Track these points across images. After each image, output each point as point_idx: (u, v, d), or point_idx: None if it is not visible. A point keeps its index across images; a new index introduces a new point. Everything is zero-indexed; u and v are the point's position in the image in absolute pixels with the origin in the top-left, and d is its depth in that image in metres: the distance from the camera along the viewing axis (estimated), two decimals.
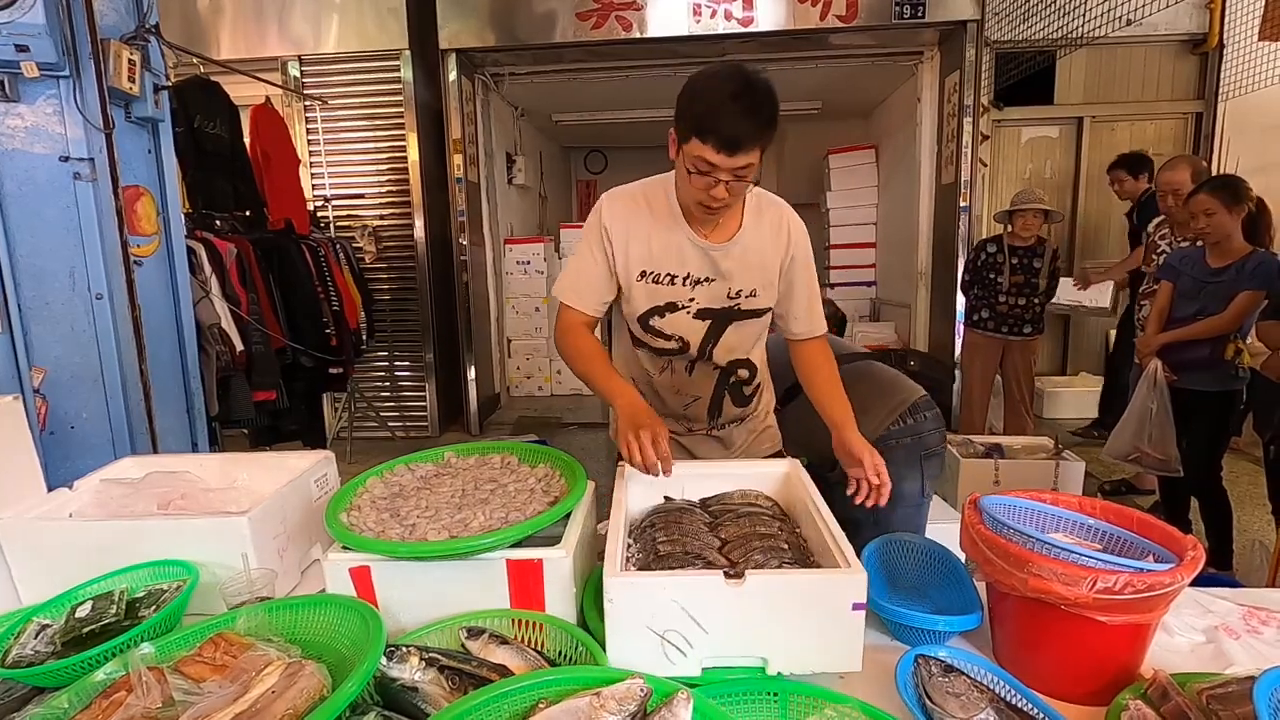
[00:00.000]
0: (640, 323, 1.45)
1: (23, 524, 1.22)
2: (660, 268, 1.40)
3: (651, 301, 1.42)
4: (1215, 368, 2.61)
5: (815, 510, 1.12)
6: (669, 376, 1.53)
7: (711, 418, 1.57)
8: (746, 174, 1.23)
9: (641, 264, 1.40)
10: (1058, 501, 1.10)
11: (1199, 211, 2.56)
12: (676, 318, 1.43)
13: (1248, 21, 4.50)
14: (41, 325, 2.16)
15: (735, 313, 1.45)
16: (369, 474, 1.29)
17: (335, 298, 3.93)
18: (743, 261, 1.41)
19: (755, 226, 1.41)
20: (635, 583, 0.92)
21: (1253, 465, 3.71)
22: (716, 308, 1.44)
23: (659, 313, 1.43)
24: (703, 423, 1.58)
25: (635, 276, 1.40)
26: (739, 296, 1.43)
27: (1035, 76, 4.78)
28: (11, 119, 2.09)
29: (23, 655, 0.99)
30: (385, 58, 4.75)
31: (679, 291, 1.41)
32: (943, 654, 0.92)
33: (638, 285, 1.41)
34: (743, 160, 1.20)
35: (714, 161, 1.20)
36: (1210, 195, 2.53)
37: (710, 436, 1.61)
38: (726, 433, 1.61)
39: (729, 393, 1.55)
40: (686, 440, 1.61)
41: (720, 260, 1.39)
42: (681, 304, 1.42)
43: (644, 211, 1.39)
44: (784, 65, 5.16)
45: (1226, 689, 0.82)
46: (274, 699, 0.78)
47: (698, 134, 1.19)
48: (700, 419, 1.58)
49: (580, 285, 1.41)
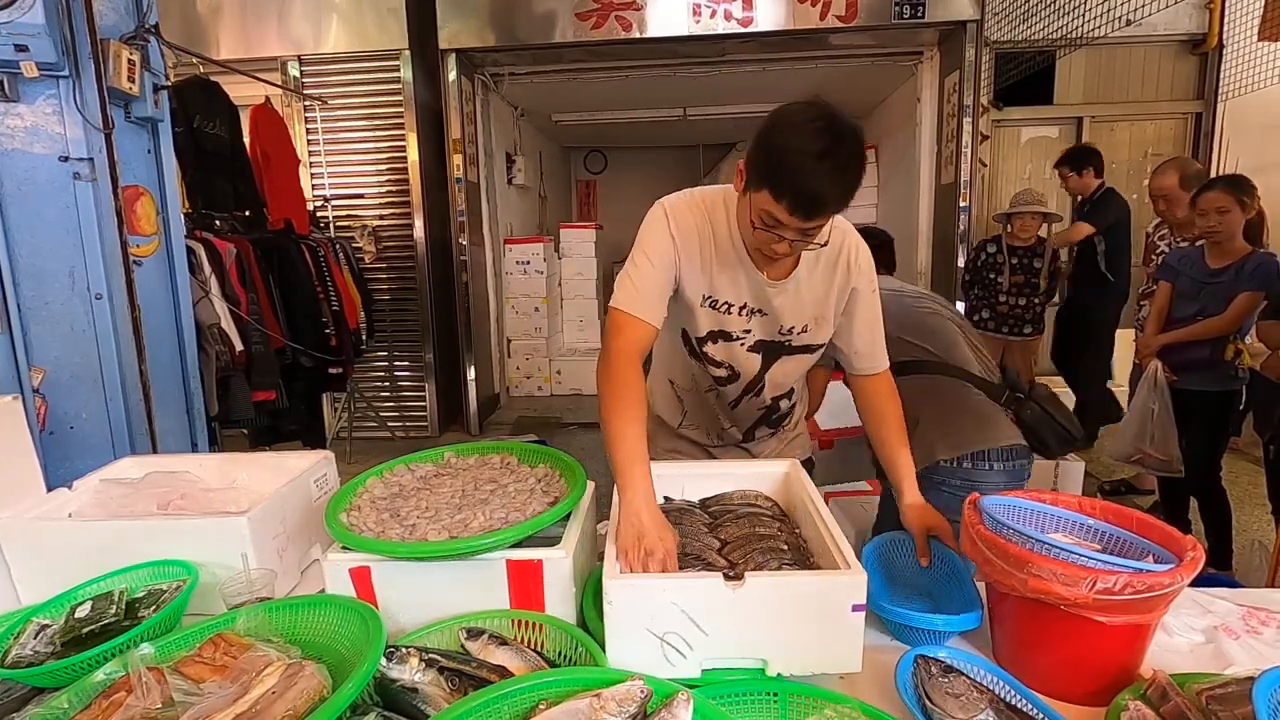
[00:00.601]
0: (696, 344, 1.38)
1: (22, 524, 1.22)
2: (720, 295, 1.31)
3: (711, 325, 1.35)
4: (1215, 368, 2.61)
5: (815, 511, 1.12)
6: (714, 398, 1.48)
7: (745, 440, 1.54)
8: (815, 234, 1.14)
9: (704, 288, 1.31)
10: (1057, 502, 1.10)
11: (1211, 209, 2.53)
12: (731, 347, 1.37)
13: (1247, 21, 4.51)
14: (41, 325, 2.16)
15: (786, 348, 1.38)
16: (369, 474, 1.29)
17: (335, 298, 3.93)
18: (796, 298, 1.32)
19: (813, 261, 1.31)
20: (635, 585, 0.92)
21: (1253, 465, 3.71)
22: (769, 340, 1.37)
23: (715, 338, 1.37)
24: (736, 440, 1.55)
25: (699, 299, 1.32)
26: (790, 333, 1.36)
27: (1035, 76, 4.78)
28: (11, 119, 2.09)
29: (22, 655, 0.99)
30: (385, 58, 4.75)
31: (736, 321, 1.34)
32: (942, 654, 0.92)
33: (702, 309, 1.33)
34: (814, 224, 1.10)
35: (783, 220, 1.09)
36: (1224, 192, 2.52)
37: (740, 448, 1.57)
38: (756, 444, 1.57)
39: (767, 419, 1.51)
40: (717, 450, 1.57)
41: (774, 296, 1.31)
42: (736, 335, 1.36)
43: (708, 232, 1.28)
44: (783, 65, 5.16)
45: (1226, 689, 0.82)
46: (274, 700, 0.78)
47: (771, 188, 1.08)
48: (733, 438, 1.54)
49: (648, 295, 1.24)
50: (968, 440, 1.51)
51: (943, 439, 1.50)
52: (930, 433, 1.50)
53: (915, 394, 1.47)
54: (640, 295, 1.24)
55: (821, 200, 1.06)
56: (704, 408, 1.50)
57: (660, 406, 1.58)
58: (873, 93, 6.22)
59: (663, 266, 1.26)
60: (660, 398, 1.57)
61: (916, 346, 1.61)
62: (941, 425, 1.50)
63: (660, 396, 1.57)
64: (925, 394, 1.51)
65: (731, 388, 1.44)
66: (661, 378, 1.56)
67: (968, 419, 1.51)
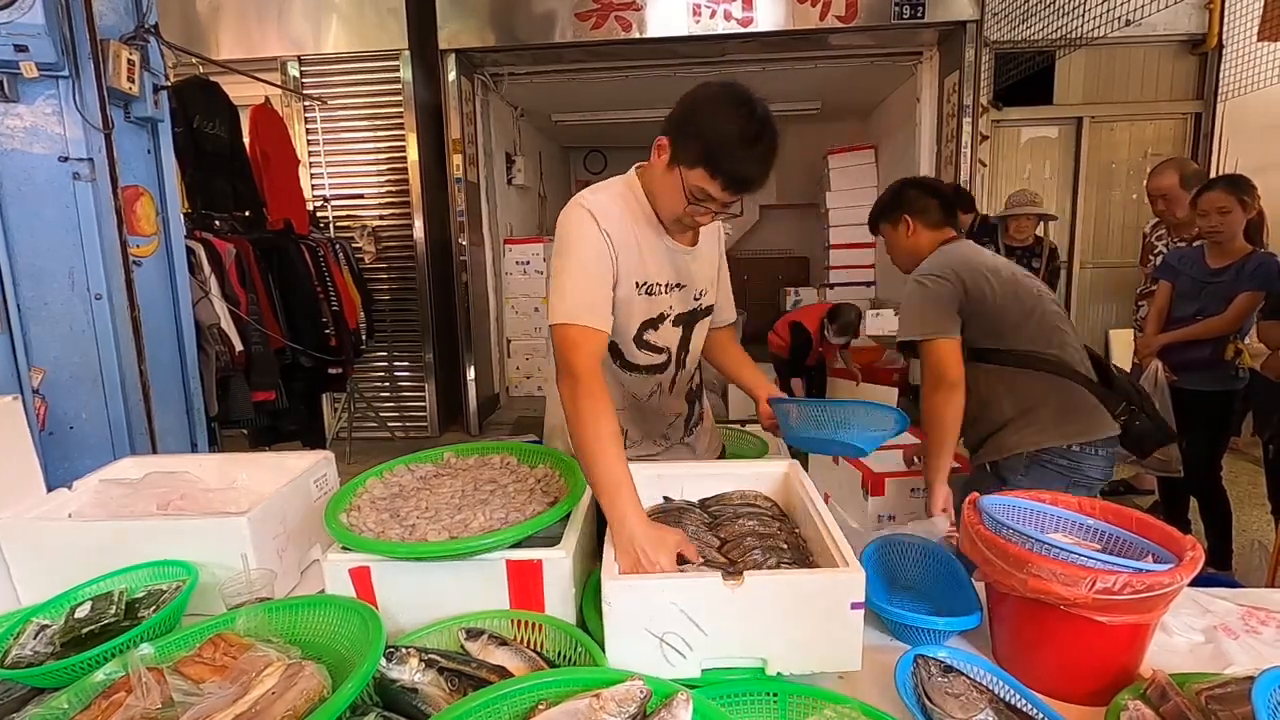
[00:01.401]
0: (635, 339, 1.37)
1: (22, 524, 1.22)
2: (654, 278, 1.33)
3: (646, 313, 1.35)
4: (1215, 368, 2.61)
5: (814, 510, 1.12)
6: (658, 399, 1.48)
7: (687, 430, 1.57)
8: (734, 208, 1.26)
9: (637, 274, 1.31)
10: (1057, 501, 1.10)
11: (1212, 209, 2.53)
12: (663, 329, 1.39)
13: (1247, 21, 4.51)
14: (41, 325, 2.16)
15: (697, 313, 1.45)
16: (368, 474, 1.29)
17: (335, 298, 3.93)
18: (702, 263, 1.43)
19: (705, 231, 1.42)
20: (633, 585, 0.92)
21: (1252, 465, 3.71)
22: (685, 311, 1.42)
23: (652, 325, 1.37)
24: (679, 436, 1.57)
25: (634, 287, 1.31)
26: (701, 297, 1.44)
27: (1034, 77, 4.78)
28: (11, 119, 2.09)
29: (22, 656, 0.99)
30: (385, 58, 4.75)
31: (665, 300, 1.37)
32: (942, 654, 0.92)
33: (637, 298, 1.32)
34: (737, 198, 1.22)
35: (714, 195, 1.19)
36: (1226, 192, 2.51)
37: (684, 445, 1.60)
38: (694, 438, 1.61)
39: (695, 400, 1.58)
40: (666, 454, 1.57)
41: (688, 264, 1.38)
42: (665, 313, 1.38)
43: (629, 219, 1.30)
44: (783, 65, 5.16)
45: (1225, 689, 0.82)
46: (274, 700, 0.78)
47: (706, 167, 1.16)
48: (677, 433, 1.56)
49: (593, 301, 1.22)
50: (1080, 432, 1.63)
51: (1056, 428, 1.63)
52: (1046, 421, 1.63)
53: (1037, 387, 1.64)
54: (585, 303, 1.21)
55: (753, 181, 1.18)
56: (645, 418, 1.50)
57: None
58: (872, 93, 6.22)
59: (601, 267, 1.25)
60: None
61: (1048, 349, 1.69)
62: (1057, 417, 1.63)
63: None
64: (1048, 389, 1.64)
65: (668, 373, 1.47)
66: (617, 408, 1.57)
67: (1081, 414, 1.64)
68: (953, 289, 1.66)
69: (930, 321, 1.65)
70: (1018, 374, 1.67)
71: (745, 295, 7.53)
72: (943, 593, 1.19)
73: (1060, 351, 1.68)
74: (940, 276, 1.67)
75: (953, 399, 1.63)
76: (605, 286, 1.25)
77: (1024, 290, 1.71)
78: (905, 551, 1.28)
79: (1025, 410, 1.66)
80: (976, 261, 1.71)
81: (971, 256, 1.73)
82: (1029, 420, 1.65)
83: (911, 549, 1.28)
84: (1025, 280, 1.74)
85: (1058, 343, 1.69)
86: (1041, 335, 1.68)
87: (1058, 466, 1.63)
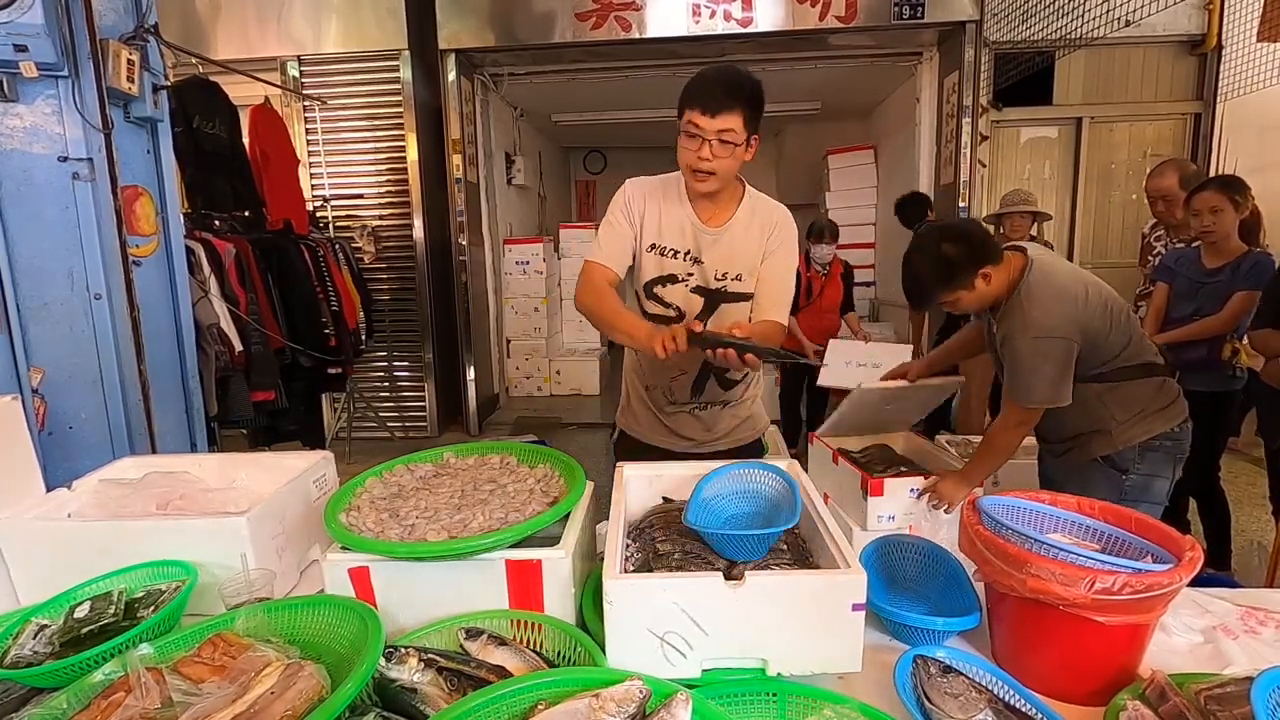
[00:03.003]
0: (646, 290, 1.61)
1: (21, 524, 1.22)
2: (666, 242, 1.57)
3: (658, 271, 1.59)
4: (1213, 368, 2.61)
5: (814, 510, 1.12)
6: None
7: (694, 394, 1.67)
8: (728, 138, 1.41)
9: (653, 237, 1.57)
10: (1056, 502, 1.10)
11: (1204, 209, 2.54)
12: (676, 289, 1.59)
13: (1246, 22, 4.51)
14: (40, 325, 2.16)
15: (724, 294, 1.58)
16: (368, 474, 1.29)
17: (334, 298, 3.93)
18: (729, 247, 1.56)
19: (747, 220, 1.57)
20: (635, 584, 0.92)
21: (1251, 465, 3.72)
22: (709, 287, 1.58)
23: (662, 282, 1.60)
24: (685, 398, 1.68)
25: (647, 247, 1.58)
26: (725, 279, 1.57)
27: (1034, 77, 4.78)
28: (10, 119, 2.09)
29: (21, 656, 0.99)
30: (384, 58, 4.75)
31: (680, 265, 1.58)
32: (941, 654, 0.92)
33: (648, 255, 1.58)
34: (722, 124, 1.39)
35: (699, 124, 1.40)
36: (1218, 192, 2.52)
37: (693, 415, 1.70)
38: (710, 414, 1.71)
39: (714, 373, 1.64)
40: (672, 418, 1.71)
41: (709, 244, 1.56)
42: (681, 277, 1.58)
43: (658, 193, 1.58)
44: (783, 65, 5.16)
45: (1224, 689, 0.82)
46: (273, 700, 0.78)
47: (686, 103, 1.42)
48: (684, 394, 1.67)
49: (608, 247, 1.57)
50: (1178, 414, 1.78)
51: (1163, 420, 1.75)
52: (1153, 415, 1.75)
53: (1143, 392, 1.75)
54: (604, 249, 1.57)
55: (720, 95, 1.38)
56: (659, 366, 1.63)
57: (630, 376, 1.79)
58: (872, 93, 6.22)
59: (623, 220, 1.57)
60: (629, 370, 1.79)
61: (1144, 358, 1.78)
62: (1162, 410, 1.76)
63: (629, 369, 1.79)
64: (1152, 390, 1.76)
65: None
66: (629, 352, 1.75)
67: (1176, 400, 1.79)
68: (1073, 347, 1.65)
69: (1061, 391, 1.65)
70: (1124, 385, 1.74)
71: None
72: (942, 593, 1.19)
73: (1155, 357, 1.77)
74: (1067, 339, 1.63)
75: (1023, 437, 1.74)
76: (624, 236, 1.57)
77: (1117, 308, 1.73)
78: (905, 551, 1.28)
79: (1136, 412, 1.75)
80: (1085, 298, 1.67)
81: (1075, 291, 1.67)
82: (1140, 418, 1.75)
83: (911, 549, 1.28)
84: (1110, 293, 1.74)
85: (1150, 347, 1.78)
86: (1141, 348, 1.75)
87: (1166, 448, 1.76)
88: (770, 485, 1.22)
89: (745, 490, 1.24)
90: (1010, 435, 1.73)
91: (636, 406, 1.77)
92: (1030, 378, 1.64)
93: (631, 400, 1.79)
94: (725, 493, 1.24)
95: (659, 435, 1.74)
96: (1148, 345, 1.78)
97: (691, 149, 1.44)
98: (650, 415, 1.74)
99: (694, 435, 1.71)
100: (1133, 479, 1.75)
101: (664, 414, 1.71)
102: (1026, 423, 1.71)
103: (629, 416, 1.79)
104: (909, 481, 1.83)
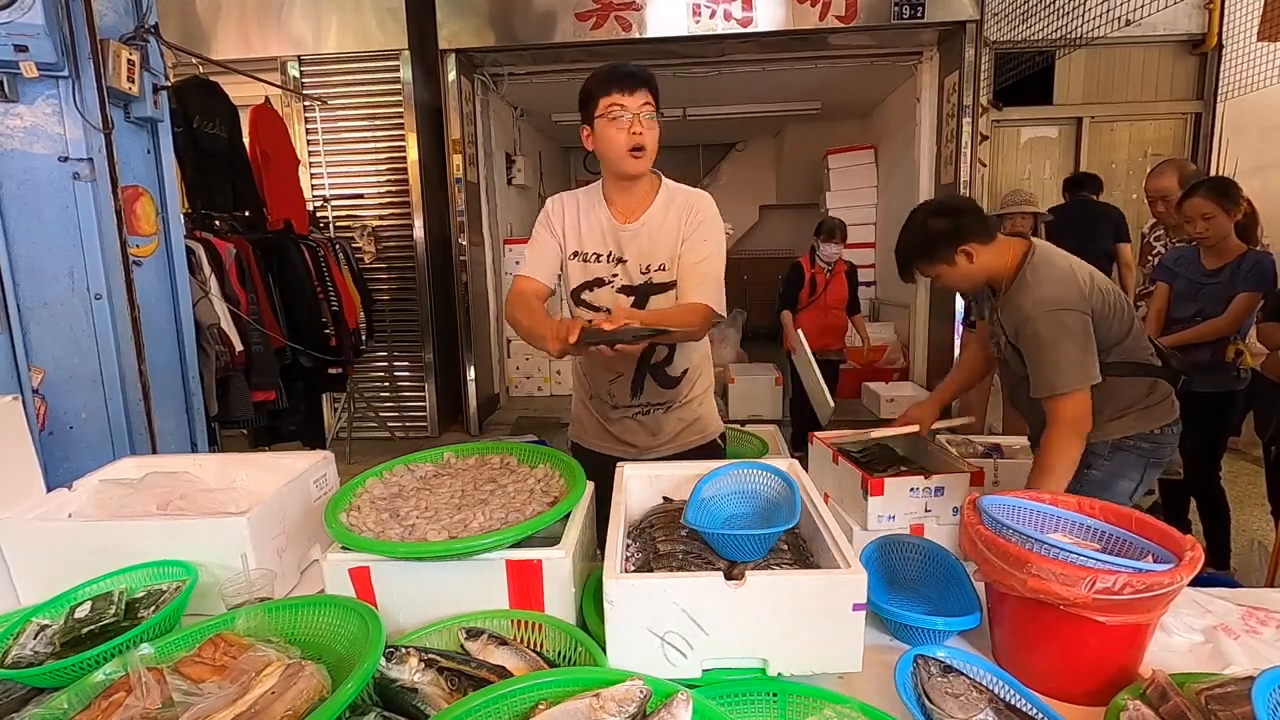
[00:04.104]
0: (574, 297, 1.66)
1: (22, 524, 1.22)
2: (588, 247, 1.62)
3: (583, 277, 1.63)
4: (1216, 370, 2.61)
5: (814, 510, 1.12)
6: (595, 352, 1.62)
7: (633, 395, 1.66)
8: (649, 112, 1.50)
9: (574, 245, 1.64)
10: (1056, 501, 1.10)
11: (1195, 216, 2.54)
12: (603, 292, 1.62)
13: (1247, 21, 4.51)
14: (41, 325, 2.16)
15: (650, 286, 1.61)
16: (368, 474, 1.29)
17: (335, 298, 3.93)
18: (649, 239, 1.59)
19: (663, 211, 1.60)
20: (635, 584, 0.92)
21: (1252, 465, 3.71)
22: (634, 284, 1.61)
23: (588, 287, 1.63)
24: (625, 401, 1.67)
25: (570, 255, 1.64)
26: (650, 271, 1.60)
27: (1034, 77, 4.78)
28: (11, 119, 2.09)
29: (22, 656, 0.99)
30: (385, 58, 4.75)
31: (604, 268, 1.62)
32: (942, 654, 0.92)
33: (572, 263, 1.64)
34: (641, 98, 1.49)
35: (624, 103, 1.48)
36: (1206, 199, 2.52)
37: (636, 420, 1.69)
38: (653, 419, 1.70)
39: (650, 373, 1.65)
40: (615, 425, 1.71)
41: (629, 240, 1.59)
42: (606, 279, 1.62)
43: (575, 202, 1.66)
44: (783, 65, 5.17)
45: (1225, 689, 0.82)
46: (273, 700, 0.78)
47: (602, 93, 1.50)
48: (624, 396, 1.67)
49: (533, 260, 1.65)
50: (1163, 417, 1.75)
51: (1145, 419, 1.73)
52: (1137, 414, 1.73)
53: (1133, 389, 1.72)
54: (530, 263, 1.65)
55: (628, 77, 1.49)
56: (595, 370, 1.69)
57: (575, 384, 1.81)
58: (872, 93, 6.22)
59: (545, 234, 1.64)
60: (574, 377, 1.81)
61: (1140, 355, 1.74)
62: (1147, 409, 1.74)
63: (574, 376, 1.81)
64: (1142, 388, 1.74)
65: None
66: (575, 361, 1.78)
67: (1165, 402, 1.76)
68: (1088, 321, 1.59)
69: (1088, 368, 1.56)
70: (1113, 381, 1.67)
71: (745, 295, 7.54)
72: (942, 593, 1.19)
73: (1151, 358, 1.73)
74: (1080, 311, 1.58)
75: (1081, 446, 1.59)
76: (547, 249, 1.65)
77: (1118, 298, 1.69)
78: (905, 551, 1.28)
79: (1121, 407, 1.72)
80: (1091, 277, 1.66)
81: (1081, 271, 1.66)
82: (1122, 414, 1.72)
83: (911, 549, 1.28)
84: (1112, 284, 1.72)
85: (1147, 346, 1.73)
86: (1138, 344, 1.71)
87: (1140, 450, 1.72)
88: (770, 485, 1.22)
89: (745, 490, 1.24)
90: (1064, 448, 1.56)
91: (582, 414, 1.79)
92: (1056, 358, 1.55)
93: (577, 408, 1.81)
94: (725, 493, 1.24)
95: (604, 442, 1.74)
96: (1144, 345, 1.73)
97: (623, 128, 1.49)
98: (595, 422, 1.74)
99: (637, 441, 1.70)
100: (1094, 474, 1.71)
101: (608, 420, 1.71)
102: (1077, 424, 1.56)
103: (578, 425, 1.81)
104: (909, 481, 1.82)
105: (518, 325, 1.56)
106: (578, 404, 1.81)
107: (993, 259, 1.67)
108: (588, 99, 1.54)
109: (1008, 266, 1.67)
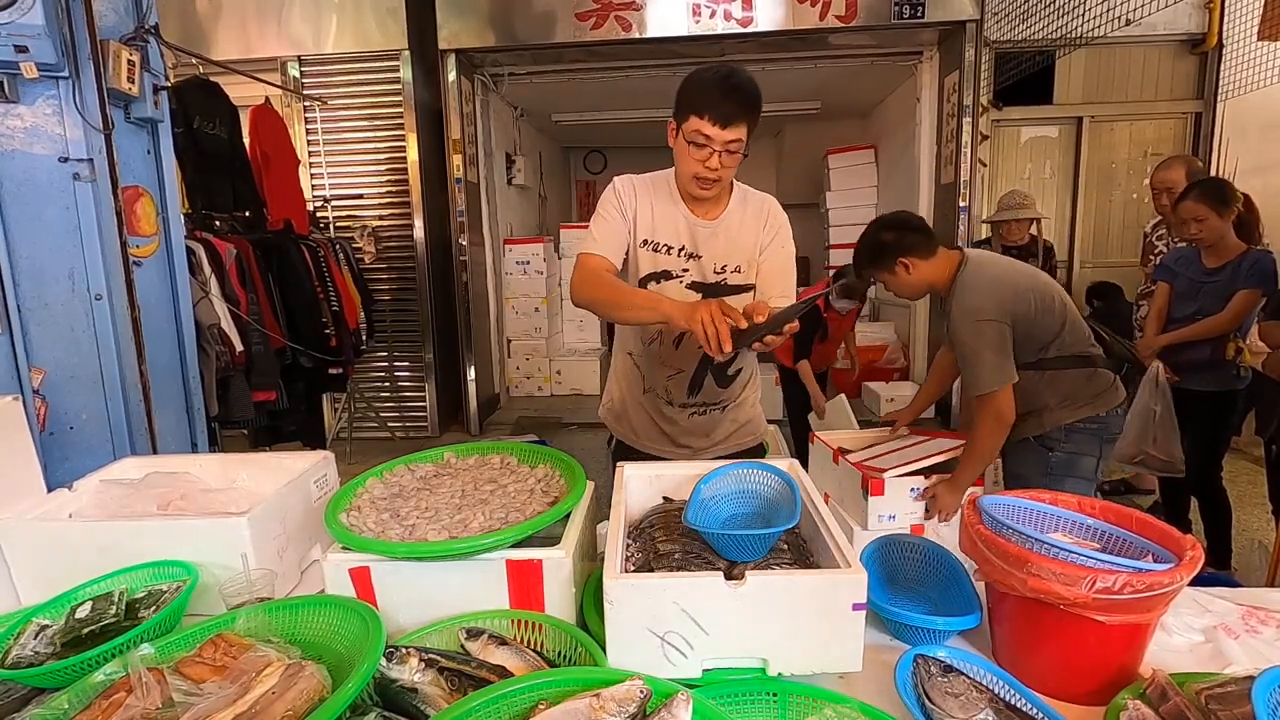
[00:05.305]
0: (640, 286, 1.58)
1: (22, 524, 1.22)
2: (660, 238, 1.56)
3: (652, 267, 1.57)
4: (1217, 368, 2.61)
5: (815, 510, 1.12)
6: (657, 347, 1.63)
7: (691, 393, 1.65)
8: (735, 148, 1.41)
9: (646, 233, 1.56)
10: (1057, 501, 1.10)
11: (1189, 219, 2.56)
12: (670, 285, 1.57)
13: (1247, 21, 4.51)
14: (41, 326, 2.16)
15: (723, 287, 1.58)
16: (369, 474, 1.29)
17: (335, 298, 3.93)
18: (727, 240, 1.56)
19: (740, 211, 1.58)
20: (635, 584, 0.92)
21: (1252, 465, 3.71)
22: (706, 282, 1.58)
23: (656, 279, 1.57)
24: (682, 399, 1.66)
25: (640, 242, 1.56)
26: (724, 272, 1.57)
27: (1034, 76, 4.78)
28: (11, 119, 2.09)
29: (22, 656, 0.99)
30: (385, 58, 4.76)
31: (674, 261, 1.57)
32: (942, 654, 0.92)
33: (642, 251, 1.56)
34: (732, 135, 1.38)
35: (709, 134, 1.38)
36: (1198, 202, 2.52)
37: (692, 419, 1.69)
38: (709, 418, 1.69)
39: (711, 371, 1.64)
40: (669, 422, 1.69)
41: (706, 238, 1.55)
42: (675, 273, 1.57)
43: (649, 189, 1.57)
44: (783, 65, 5.16)
45: (1225, 689, 0.82)
46: (274, 700, 0.78)
47: (694, 112, 1.38)
48: (680, 394, 1.66)
49: (603, 238, 1.54)
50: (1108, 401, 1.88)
51: (1091, 405, 1.86)
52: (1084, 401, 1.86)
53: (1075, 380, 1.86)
54: (599, 240, 1.52)
55: (732, 109, 1.36)
56: (649, 362, 1.67)
57: (624, 380, 1.75)
58: (872, 93, 6.22)
59: (616, 214, 1.54)
60: (622, 373, 1.75)
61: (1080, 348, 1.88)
62: (1093, 396, 1.86)
63: (622, 372, 1.75)
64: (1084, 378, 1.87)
65: (671, 331, 1.58)
66: (621, 354, 1.74)
67: (1109, 388, 1.89)
68: (1005, 330, 1.75)
69: (1005, 371, 1.74)
70: (1059, 373, 1.85)
71: None
72: (943, 593, 1.19)
73: (1091, 348, 1.87)
74: (997, 320, 1.75)
75: (1003, 435, 1.77)
76: (616, 228, 1.54)
77: (1057, 301, 1.84)
78: (905, 551, 1.28)
79: (1067, 396, 1.86)
80: (1015, 285, 1.80)
81: (1006, 280, 1.81)
82: (1071, 402, 1.86)
83: (911, 549, 1.28)
84: (1051, 287, 1.86)
85: (1085, 339, 1.87)
86: (1075, 338, 1.85)
87: (1091, 430, 1.86)
88: (770, 485, 1.22)
89: (745, 490, 1.24)
90: (988, 434, 1.77)
91: (633, 412, 1.72)
92: (975, 364, 1.74)
93: (628, 406, 1.73)
94: (725, 493, 1.24)
95: (658, 444, 1.71)
96: (1083, 337, 1.87)
97: (700, 159, 1.41)
98: (648, 421, 1.70)
99: (691, 443, 1.69)
100: (1058, 456, 1.88)
101: (662, 418, 1.69)
102: (1000, 417, 1.74)
103: (624, 424, 1.75)
104: (909, 481, 1.83)
105: (598, 300, 1.43)
106: (626, 403, 1.74)
107: (931, 271, 1.86)
108: (680, 103, 1.42)
109: (945, 278, 1.84)
